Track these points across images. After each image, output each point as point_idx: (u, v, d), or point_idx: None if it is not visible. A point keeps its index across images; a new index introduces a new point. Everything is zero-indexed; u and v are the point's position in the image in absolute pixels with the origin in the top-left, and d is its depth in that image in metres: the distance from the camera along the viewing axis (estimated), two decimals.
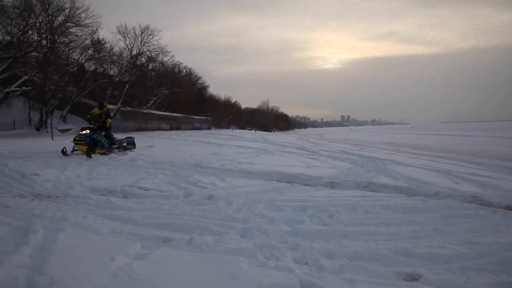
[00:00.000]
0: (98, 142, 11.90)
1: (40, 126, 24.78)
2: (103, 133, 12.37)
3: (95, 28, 27.13)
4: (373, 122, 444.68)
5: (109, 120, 12.61)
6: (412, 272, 3.40)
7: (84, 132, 11.79)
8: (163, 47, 34.65)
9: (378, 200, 6.28)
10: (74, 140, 11.77)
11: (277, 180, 8.21)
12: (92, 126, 12.22)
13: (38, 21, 23.83)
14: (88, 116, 12.82)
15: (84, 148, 11.45)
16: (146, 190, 6.74)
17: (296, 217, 5.18)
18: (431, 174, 10.20)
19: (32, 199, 5.88)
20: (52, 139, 17.90)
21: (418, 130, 77.05)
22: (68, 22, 25.00)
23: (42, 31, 24.20)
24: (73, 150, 11.75)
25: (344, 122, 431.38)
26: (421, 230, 4.71)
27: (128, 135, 15.42)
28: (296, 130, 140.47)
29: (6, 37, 23.45)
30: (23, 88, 22.80)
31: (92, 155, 11.12)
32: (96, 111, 12.55)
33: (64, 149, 11.41)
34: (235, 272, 3.10)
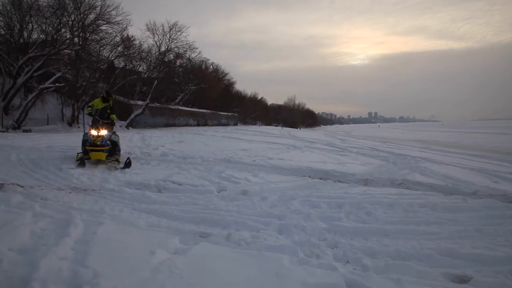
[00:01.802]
0: (117, 145, 9.14)
1: (72, 122, 25.48)
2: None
3: (125, 26, 27.60)
4: (401, 119, 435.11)
5: (114, 116, 9.60)
6: (461, 274, 3.25)
7: (100, 133, 8.73)
8: (190, 43, 34.86)
9: (416, 198, 6.11)
10: (92, 145, 8.60)
11: (309, 176, 8.10)
12: (105, 122, 9.21)
13: (70, 19, 24.43)
14: (88, 109, 9.43)
15: (104, 156, 8.66)
16: (179, 185, 6.77)
17: (332, 214, 5.09)
18: (467, 172, 9.88)
19: (70, 192, 6.01)
20: None
21: (449, 127, 74.87)
22: (99, 20, 25.50)
23: (74, 29, 24.80)
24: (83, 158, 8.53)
25: (371, 119, 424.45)
26: (464, 230, 4.53)
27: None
28: (323, 126, 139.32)
29: (41, 36, 24.21)
30: (57, 84, 23.38)
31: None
32: (98, 103, 9.44)
33: (80, 156, 8.62)
34: (278, 270, 3.03)
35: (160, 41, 33.21)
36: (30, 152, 9.69)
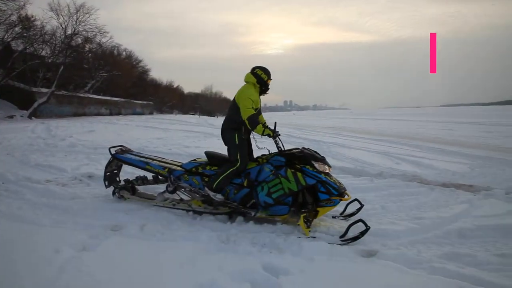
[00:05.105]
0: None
1: None
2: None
3: (22, 3, 24.68)
4: (315, 107, 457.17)
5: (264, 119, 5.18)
6: (368, 249, 3.51)
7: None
8: (100, 27, 32.59)
9: None
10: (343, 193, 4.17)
11: None
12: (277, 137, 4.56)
13: None
14: (266, 130, 4.41)
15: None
16: (89, 177, 6.31)
17: None
18: (373, 155, 10.59)
19: None
20: None
21: (357, 115, 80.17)
22: None
23: None
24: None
25: (287, 107, 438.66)
26: (371, 208, 4.90)
27: None
28: None
29: None
30: None
31: None
32: (256, 96, 4.78)
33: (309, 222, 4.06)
34: (195, 258, 2.98)
35: (66, 23, 30.52)
36: None
